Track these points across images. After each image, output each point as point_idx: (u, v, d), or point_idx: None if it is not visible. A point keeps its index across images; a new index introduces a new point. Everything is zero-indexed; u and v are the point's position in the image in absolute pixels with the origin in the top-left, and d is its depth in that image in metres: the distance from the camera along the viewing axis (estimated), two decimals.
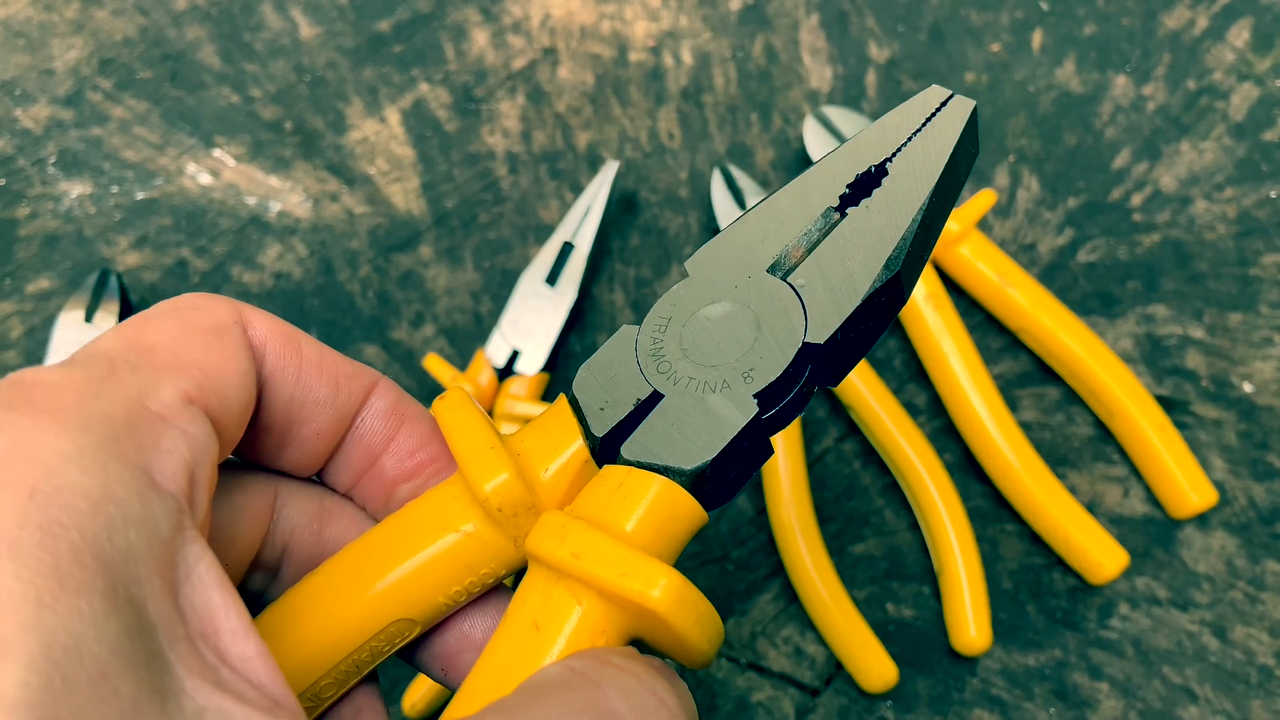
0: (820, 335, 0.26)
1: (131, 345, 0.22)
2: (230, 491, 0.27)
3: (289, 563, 0.29)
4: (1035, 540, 0.49)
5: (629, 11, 0.60)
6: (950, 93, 0.27)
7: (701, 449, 0.25)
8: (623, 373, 0.27)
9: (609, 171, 0.53)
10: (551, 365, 0.52)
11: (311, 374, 0.26)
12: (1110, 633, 0.47)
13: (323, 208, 0.56)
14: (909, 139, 0.27)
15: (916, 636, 0.48)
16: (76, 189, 0.57)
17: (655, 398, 0.26)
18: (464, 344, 0.54)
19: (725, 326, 0.27)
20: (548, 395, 0.52)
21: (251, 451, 0.27)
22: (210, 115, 0.59)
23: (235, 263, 0.56)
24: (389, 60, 0.59)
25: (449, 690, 0.29)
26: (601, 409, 0.26)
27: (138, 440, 0.20)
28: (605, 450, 0.27)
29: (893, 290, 0.26)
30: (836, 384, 0.27)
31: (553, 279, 0.52)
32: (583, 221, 0.53)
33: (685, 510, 0.25)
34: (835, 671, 0.47)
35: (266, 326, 0.26)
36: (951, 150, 0.27)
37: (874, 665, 0.46)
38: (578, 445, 0.27)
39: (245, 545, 0.27)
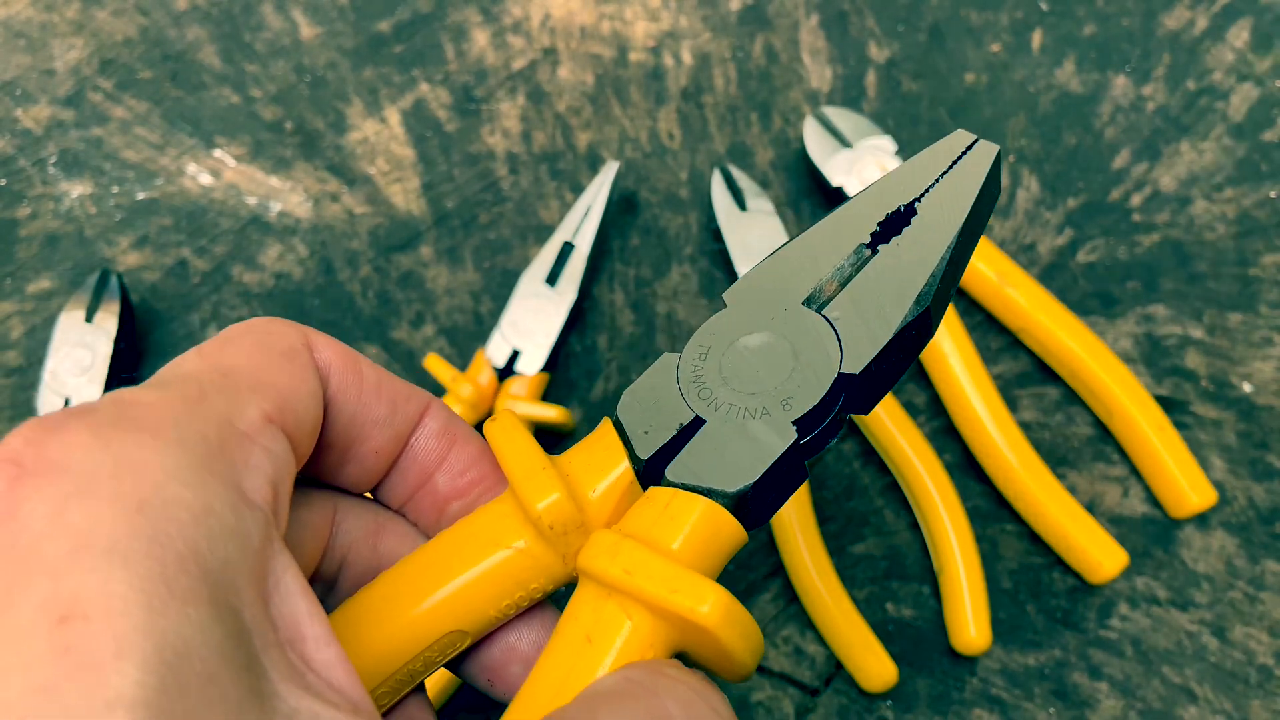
0: (855, 366, 0.27)
1: (215, 367, 0.24)
2: (295, 506, 0.28)
3: (345, 575, 0.30)
4: (1035, 540, 0.49)
5: (629, 11, 0.60)
6: (975, 137, 0.29)
7: (744, 473, 0.27)
8: (665, 398, 0.28)
9: (609, 171, 0.53)
10: (551, 365, 0.52)
11: (371, 395, 0.28)
12: (1110, 632, 0.47)
13: (323, 208, 0.57)
14: (936, 180, 0.29)
15: (916, 636, 0.48)
16: (77, 189, 0.58)
17: (697, 422, 0.28)
18: (464, 344, 0.54)
19: (764, 356, 0.28)
20: (548, 395, 0.52)
21: (314, 469, 0.28)
22: (211, 115, 0.59)
23: (236, 263, 0.56)
24: (389, 60, 0.59)
25: (496, 699, 0.30)
26: (645, 432, 0.28)
27: (229, 458, 0.22)
28: (649, 472, 0.28)
29: (922, 324, 0.28)
30: (868, 412, 0.29)
31: (553, 279, 0.52)
32: (583, 221, 0.53)
33: (728, 530, 0.27)
34: (835, 671, 0.48)
35: (331, 350, 0.27)
36: (978, 192, 0.28)
37: (874, 665, 0.46)
38: (624, 467, 0.28)
39: (308, 558, 0.28)
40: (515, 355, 0.51)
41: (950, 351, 0.49)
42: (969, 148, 0.29)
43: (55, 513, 0.19)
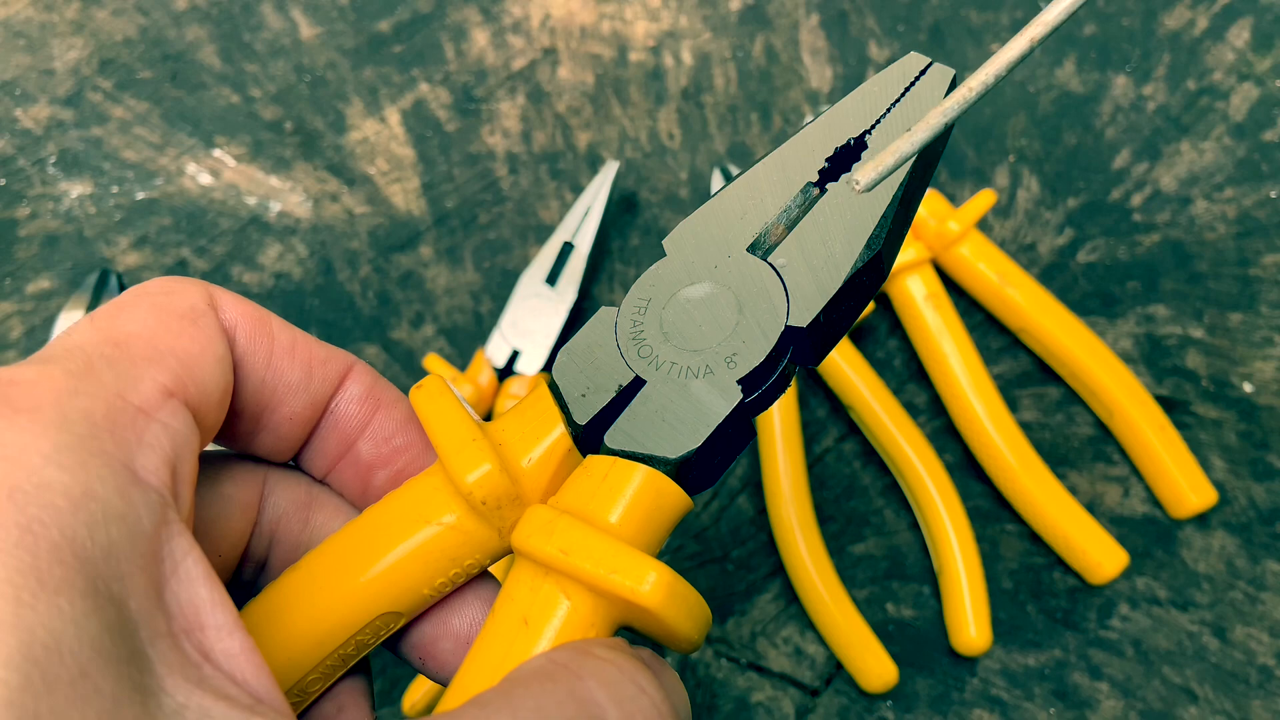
0: (803, 319, 0.25)
1: (107, 338, 0.22)
2: (219, 481, 0.27)
3: (275, 553, 0.28)
4: (1035, 540, 0.49)
5: (629, 11, 0.60)
6: (929, 60, 0.27)
7: (686, 437, 0.25)
8: (603, 357, 0.26)
9: (609, 171, 0.53)
10: (551, 365, 0.52)
11: (284, 358, 0.26)
12: (1110, 633, 0.47)
13: (323, 208, 0.56)
14: (888, 110, 0.26)
15: (916, 636, 0.48)
16: (77, 189, 0.58)
17: (637, 383, 0.26)
18: (464, 344, 0.54)
19: (706, 309, 0.26)
20: None
21: (224, 437, 0.27)
22: (210, 115, 0.59)
23: (235, 263, 0.56)
24: (389, 60, 0.59)
25: (429, 678, 0.28)
26: (583, 395, 0.26)
27: (118, 436, 0.20)
28: (588, 437, 0.26)
29: (874, 269, 0.26)
30: (818, 363, 0.27)
31: (553, 279, 0.52)
32: (583, 221, 0.53)
33: (670, 499, 0.25)
34: (835, 671, 0.47)
35: (237, 309, 0.25)
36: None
37: (874, 665, 0.46)
38: (559, 432, 0.26)
39: (237, 535, 0.27)
40: (515, 355, 0.51)
41: (950, 351, 0.49)
42: (922, 72, 0.26)
43: None
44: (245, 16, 0.61)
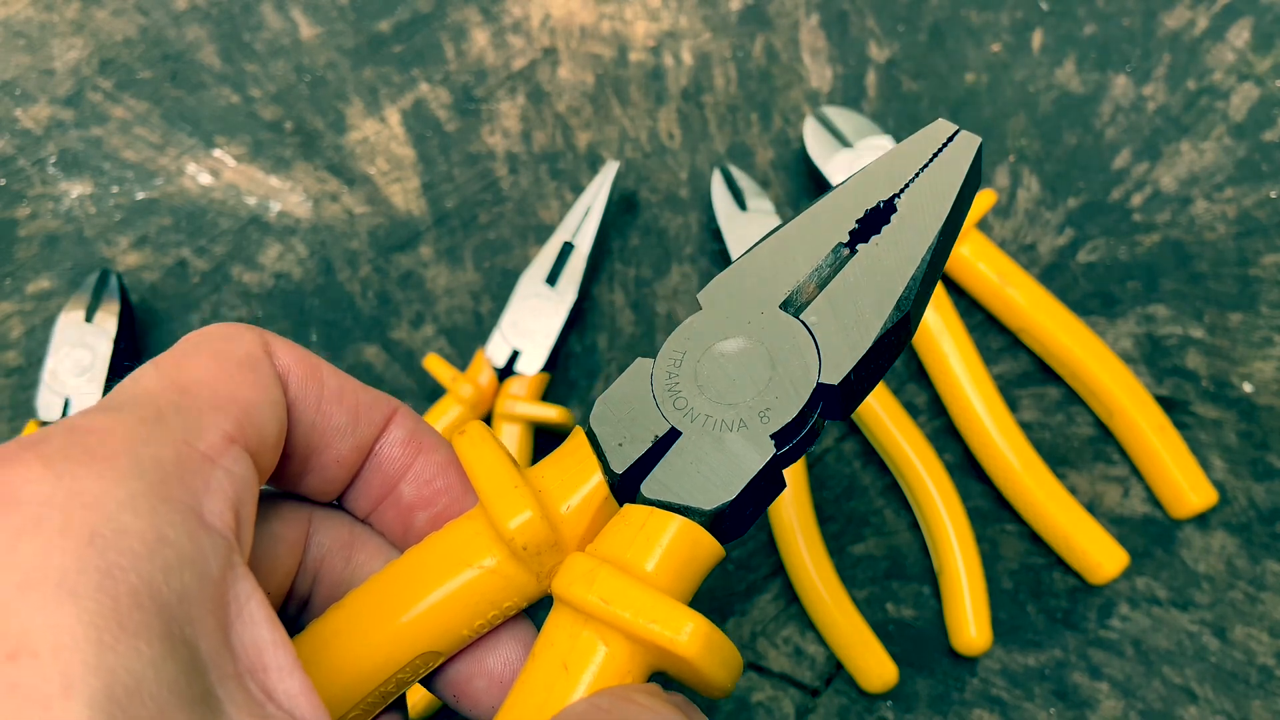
0: (834, 376, 0.26)
1: (172, 384, 0.23)
2: (268, 520, 0.27)
3: (319, 590, 0.29)
4: (1035, 540, 0.49)
5: (629, 11, 0.60)
6: (956, 128, 0.28)
7: (721, 490, 0.26)
8: (640, 408, 0.27)
9: (609, 171, 0.53)
10: (551, 365, 0.52)
11: (332, 402, 0.27)
12: (1110, 633, 0.47)
13: (323, 208, 0.56)
14: (916, 175, 0.27)
15: (916, 636, 0.48)
16: (77, 189, 0.58)
17: (673, 434, 0.27)
18: (464, 344, 0.54)
19: (740, 364, 0.27)
20: (548, 395, 0.52)
21: (274, 478, 0.28)
22: (210, 115, 0.59)
23: (235, 263, 0.56)
24: (389, 60, 0.59)
25: (461, 714, 0.30)
26: (620, 445, 0.27)
27: (187, 482, 0.21)
28: (624, 485, 0.27)
29: (901, 328, 0.27)
30: (846, 418, 0.28)
31: (553, 279, 0.52)
32: (583, 221, 0.53)
33: (704, 549, 0.26)
34: (835, 671, 0.47)
35: (290, 355, 0.26)
36: (959, 188, 0.27)
37: (874, 665, 0.46)
38: (597, 480, 0.27)
39: (284, 573, 0.28)
40: (515, 355, 0.51)
41: (950, 351, 0.49)
42: (950, 139, 0.28)
43: (5, 548, 0.18)
44: (245, 16, 0.61)
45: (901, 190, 0.27)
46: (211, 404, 0.23)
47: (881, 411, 0.48)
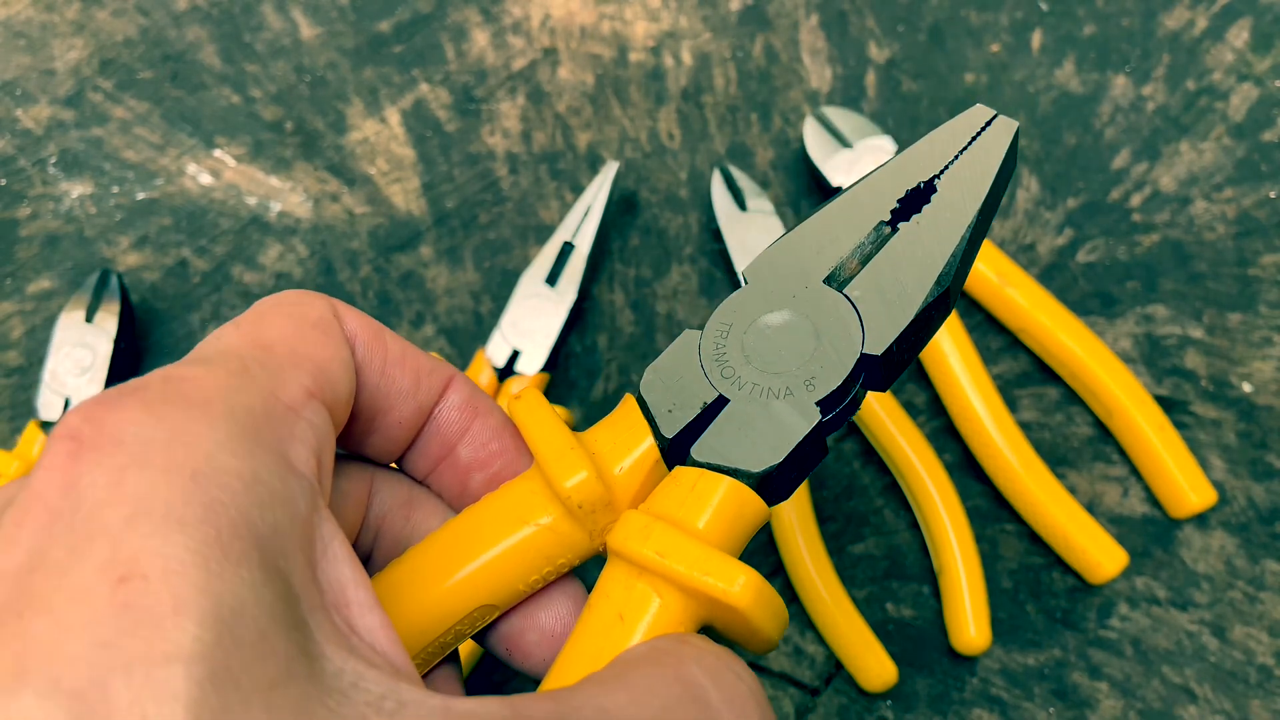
0: (877, 347, 0.27)
1: (255, 342, 0.25)
2: (335, 477, 0.28)
3: (380, 547, 0.30)
4: (1035, 540, 0.49)
5: (629, 12, 0.60)
6: (994, 112, 0.29)
7: (768, 453, 0.27)
8: (688, 376, 0.29)
9: (609, 172, 0.53)
10: (551, 365, 0.52)
11: (396, 366, 0.28)
12: (1110, 632, 0.47)
13: (323, 208, 0.57)
14: (956, 157, 0.29)
15: (916, 636, 0.48)
16: (77, 189, 0.58)
17: (721, 401, 0.28)
18: (464, 344, 0.54)
19: (786, 335, 0.28)
20: (548, 395, 0.52)
21: (341, 439, 0.29)
22: (211, 115, 0.59)
23: (236, 263, 0.56)
24: (389, 60, 0.59)
25: (514, 668, 0.32)
26: (669, 411, 0.28)
27: (275, 429, 0.23)
28: (674, 450, 0.28)
29: (942, 303, 0.28)
30: (886, 389, 0.29)
31: (553, 279, 0.52)
32: (583, 221, 0.53)
33: (752, 509, 0.27)
34: (835, 671, 0.48)
35: (356, 321, 0.27)
36: (997, 170, 0.28)
37: (874, 665, 0.46)
38: (648, 444, 0.28)
39: (349, 528, 0.29)
40: (515, 355, 0.51)
41: (950, 351, 0.49)
42: (988, 124, 0.29)
43: (113, 482, 0.20)
44: (245, 17, 0.61)
45: (941, 171, 0.29)
46: (290, 361, 0.24)
47: (881, 411, 0.48)
